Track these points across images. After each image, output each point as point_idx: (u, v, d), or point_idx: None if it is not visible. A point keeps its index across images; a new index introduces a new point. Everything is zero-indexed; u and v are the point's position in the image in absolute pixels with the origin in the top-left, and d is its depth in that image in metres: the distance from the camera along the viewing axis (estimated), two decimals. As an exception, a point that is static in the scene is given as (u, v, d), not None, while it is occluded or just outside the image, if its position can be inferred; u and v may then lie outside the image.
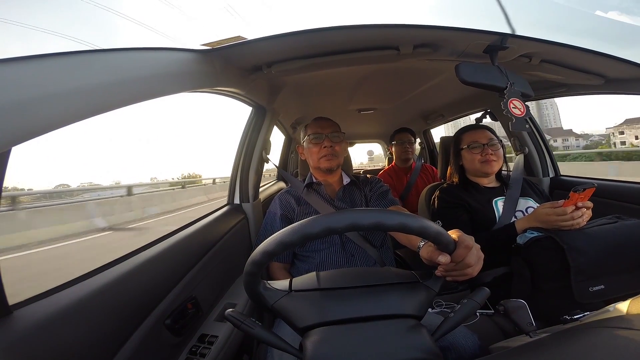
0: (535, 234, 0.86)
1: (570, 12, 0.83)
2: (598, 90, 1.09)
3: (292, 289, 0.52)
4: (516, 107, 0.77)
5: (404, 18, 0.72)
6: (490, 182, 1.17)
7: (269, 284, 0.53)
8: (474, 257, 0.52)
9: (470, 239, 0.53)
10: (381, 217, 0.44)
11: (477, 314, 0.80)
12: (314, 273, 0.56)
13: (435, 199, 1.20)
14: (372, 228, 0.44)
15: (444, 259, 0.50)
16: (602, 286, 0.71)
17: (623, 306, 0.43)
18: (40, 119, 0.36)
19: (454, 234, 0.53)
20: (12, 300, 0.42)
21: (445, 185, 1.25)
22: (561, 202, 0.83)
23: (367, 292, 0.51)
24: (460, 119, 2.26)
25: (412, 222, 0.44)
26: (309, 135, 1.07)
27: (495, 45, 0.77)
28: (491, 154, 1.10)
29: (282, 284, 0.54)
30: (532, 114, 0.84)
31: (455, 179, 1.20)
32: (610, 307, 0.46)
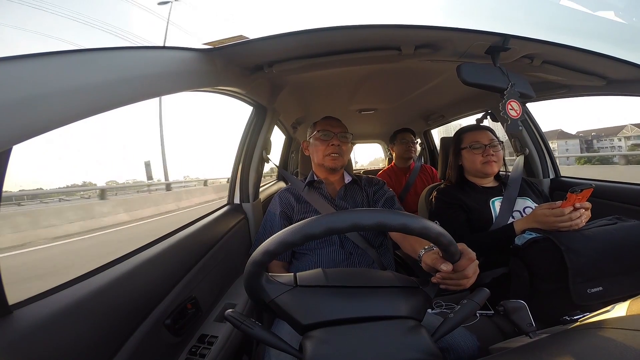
0: (534, 235, 0.86)
1: (572, 14, 0.83)
2: (599, 91, 1.09)
3: (298, 283, 0.51)
4: (513, 108, 0.78)
5: (406, 18, 0.72)
6: (488, 182, 1.17)
7: (271, 276, 0.51)
8: (472, 269, 0.55)
9: (473, 253, 0.55)
10: (407, 220, 0.45)
11: (477, 314, 0.80)
12: (320, 269, 0.55)
13: (433, 200, 1.20)
14: (398, 230, 0.45)
15: (446, 267, 0.53)
16: (601, 288, 0.71)
17: (623, 307, 0.42)
18: (41, 117, 0.36)
19: (459, 245, 0.55)
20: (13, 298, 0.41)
21: (442, 185, 1.25)
22: (559, 203, 0.83)
23: (371, 292, 0.51)
24: (442, 127, 2.29)
25: (432, 228, 0.46)
26: (318, 131, 1.08)
27: (497, 46, 0.77)
28: (492, 155, 1.10)
29: (286, 277, 0.52)
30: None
31: (453, 179, 1.20)
32: (610, 307, 0.46)
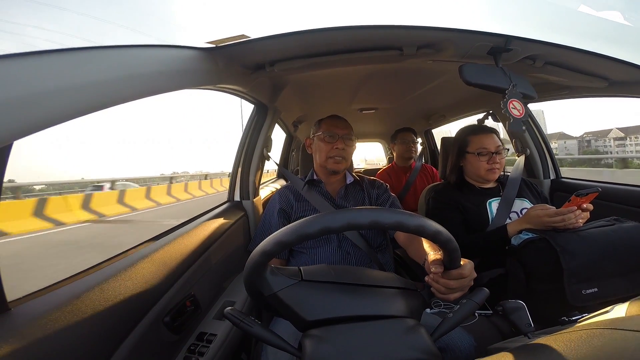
0: (530, 235, 0.86)
1: (574, 15, 0.83)
2: (601, 92, 1.09)
3: (303, 277, 0.51)
4: (515, 107, 0.77)
5: (408, 19, 0.72)
6: (486, 183, 1.17)
7: (277, 269, 0.50)
8: (461, 285, 0.56)
9: (472, 274, 0.57)
10: (402, 218, 0.45)
11: (476, 314, 0.80)
12: (324, 265, 0.55)
13: (430, 199, 1.20)
14: (393, 228, 0.45)
15: (435, 269, 0.55)
16: (596, 289, 0.71)
17: (622, 308, 0.42)
18: (42, 113, 0.36)
19: (464, 260, 0.56)
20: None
21: (439, 186, 1.25)
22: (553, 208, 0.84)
23: (375, 291, 0.51)
24: (456, 122, 2.30)
25: (429, 226, 0.46)
26: (323, 132, 1.06)
27: (499, 47, 0.77)
28: (497, 163, 1.08)
29: (291, 270, 0.51)
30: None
31: (452, 179, 1.20)
32: (609, 308, 0.46)
